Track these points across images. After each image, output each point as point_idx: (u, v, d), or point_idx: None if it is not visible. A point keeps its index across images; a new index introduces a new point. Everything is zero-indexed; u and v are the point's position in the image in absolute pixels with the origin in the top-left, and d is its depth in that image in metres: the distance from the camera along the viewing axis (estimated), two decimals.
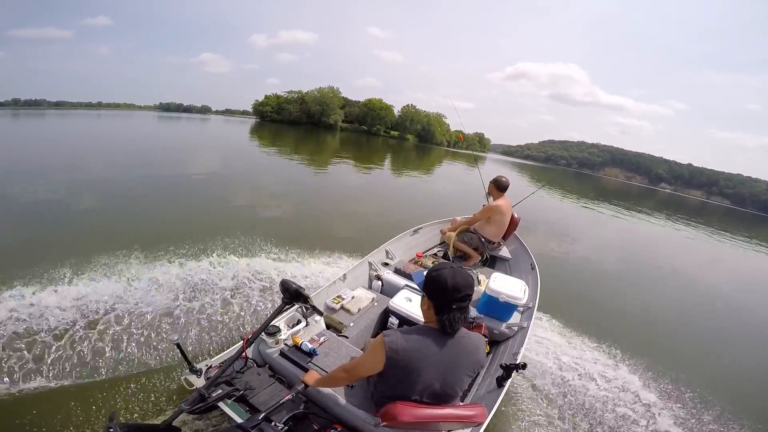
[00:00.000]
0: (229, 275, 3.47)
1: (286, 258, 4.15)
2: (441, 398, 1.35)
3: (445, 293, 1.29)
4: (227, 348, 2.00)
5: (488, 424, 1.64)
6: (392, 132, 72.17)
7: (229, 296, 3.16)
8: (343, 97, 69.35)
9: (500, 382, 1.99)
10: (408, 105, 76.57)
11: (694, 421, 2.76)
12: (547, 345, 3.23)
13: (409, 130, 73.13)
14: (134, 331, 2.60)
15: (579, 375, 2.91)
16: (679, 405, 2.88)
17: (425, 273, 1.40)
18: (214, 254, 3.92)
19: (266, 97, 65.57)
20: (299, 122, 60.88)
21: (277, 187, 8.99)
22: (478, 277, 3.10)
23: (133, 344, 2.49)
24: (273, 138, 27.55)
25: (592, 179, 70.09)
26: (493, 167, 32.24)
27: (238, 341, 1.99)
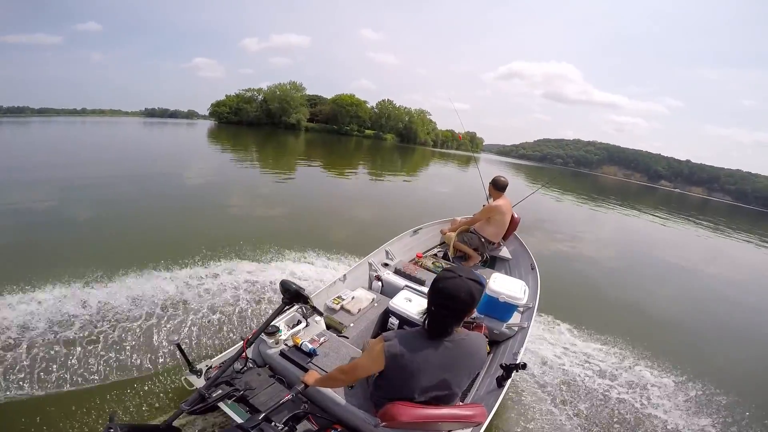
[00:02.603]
0: (229, 276, 3.47)
1: (286, 259, 4.15)
2: (440, 399, 1.35)
3: (431, 291, 1.32)
4: (227, 348, 2.00)
5: (488, 424, 1.65)
6: (367, 131, 65.29)
7: (229, 297, 3.16)
8: (313, 95, 63.36)
9: (500, 382, 2.00)
10: (384, 100, 69.71)
11: (699, 421, 2.75)
12: (547, 345, 3.24)
13: (386, 129, 66.81)
14: (135, 331, 2.60)
15: (580, 375, 2.91)
16: (684, 403, 2.86)
17: None
18: (213, 256, 3.92)
19: (226, 96, 57.43)
20: (258, 123, 54.02)
21: (270, 193, 8.97)
22: None
23: (134, 345, 2.49)
24: (231, 142, 23.31)
25: (589, 178, 69.53)
26: (485, 168, 30.82)
27: (238, 341, 1.99)
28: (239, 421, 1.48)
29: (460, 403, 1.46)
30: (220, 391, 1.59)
